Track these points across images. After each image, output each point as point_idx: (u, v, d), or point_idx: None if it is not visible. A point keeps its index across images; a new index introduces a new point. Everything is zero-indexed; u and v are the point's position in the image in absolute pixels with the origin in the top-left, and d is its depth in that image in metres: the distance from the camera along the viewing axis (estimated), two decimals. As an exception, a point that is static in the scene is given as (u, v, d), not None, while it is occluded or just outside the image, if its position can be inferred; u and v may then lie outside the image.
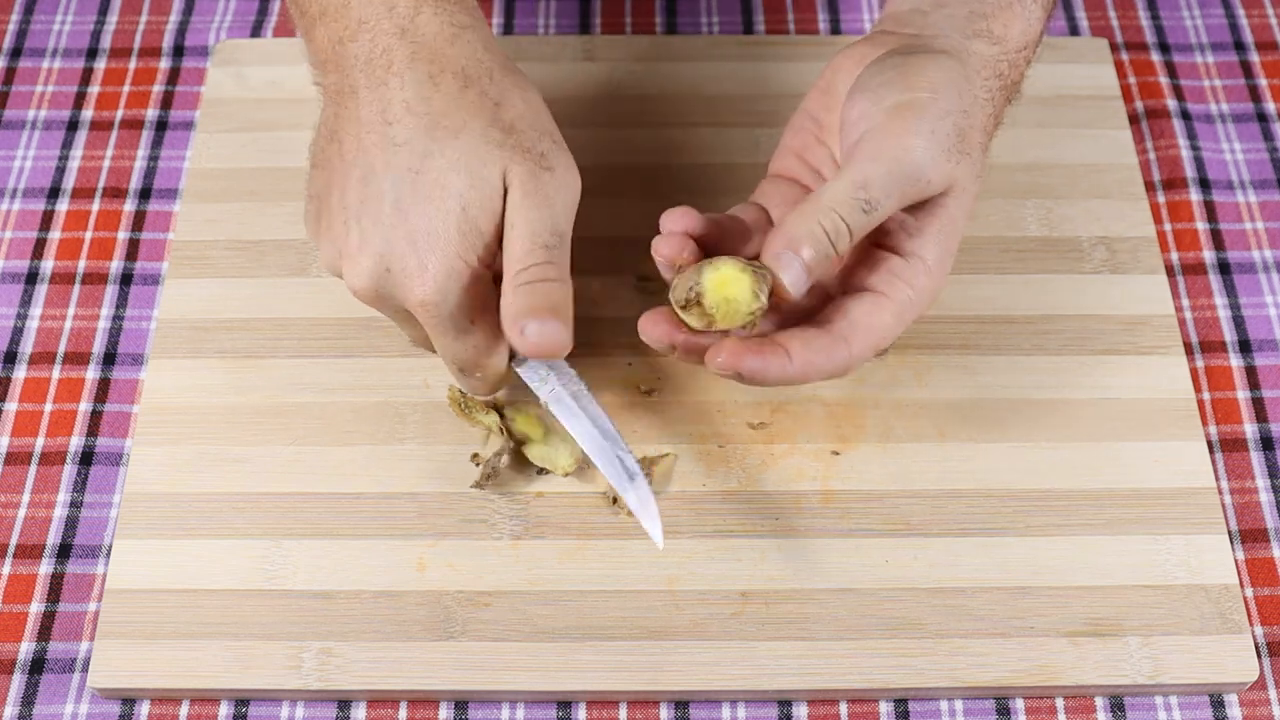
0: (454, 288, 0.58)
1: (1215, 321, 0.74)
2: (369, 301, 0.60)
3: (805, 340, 0.58)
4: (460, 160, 0.58)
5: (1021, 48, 0.62)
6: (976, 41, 0.61)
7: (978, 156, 0.60)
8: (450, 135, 0.58)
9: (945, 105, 0.58)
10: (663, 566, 0.65)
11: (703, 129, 0.79)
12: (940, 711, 0.63)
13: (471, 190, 0.58)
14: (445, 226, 0.57)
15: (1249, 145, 0.81)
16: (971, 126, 0.59)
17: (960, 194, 0.59)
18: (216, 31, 0.85)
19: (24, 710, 0.63)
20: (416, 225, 0.58)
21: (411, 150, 0.58)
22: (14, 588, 0.66)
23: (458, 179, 0.58)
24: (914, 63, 0.59)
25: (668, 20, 0.86)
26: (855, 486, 0.67)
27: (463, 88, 0.59)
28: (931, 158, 0.57)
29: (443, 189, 0.58)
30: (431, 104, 0.58)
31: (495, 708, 0.63)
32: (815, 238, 0.56)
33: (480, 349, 0.60)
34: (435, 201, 0.58)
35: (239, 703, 0.63)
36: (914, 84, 0.58)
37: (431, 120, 0.58)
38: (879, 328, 0.59)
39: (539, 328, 0.57)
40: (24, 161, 0.80)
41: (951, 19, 0.62)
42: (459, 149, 0.58)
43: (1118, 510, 0.66)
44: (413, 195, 0.58)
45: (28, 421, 0.70)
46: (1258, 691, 0.64)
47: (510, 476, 0.67)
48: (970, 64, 0.60)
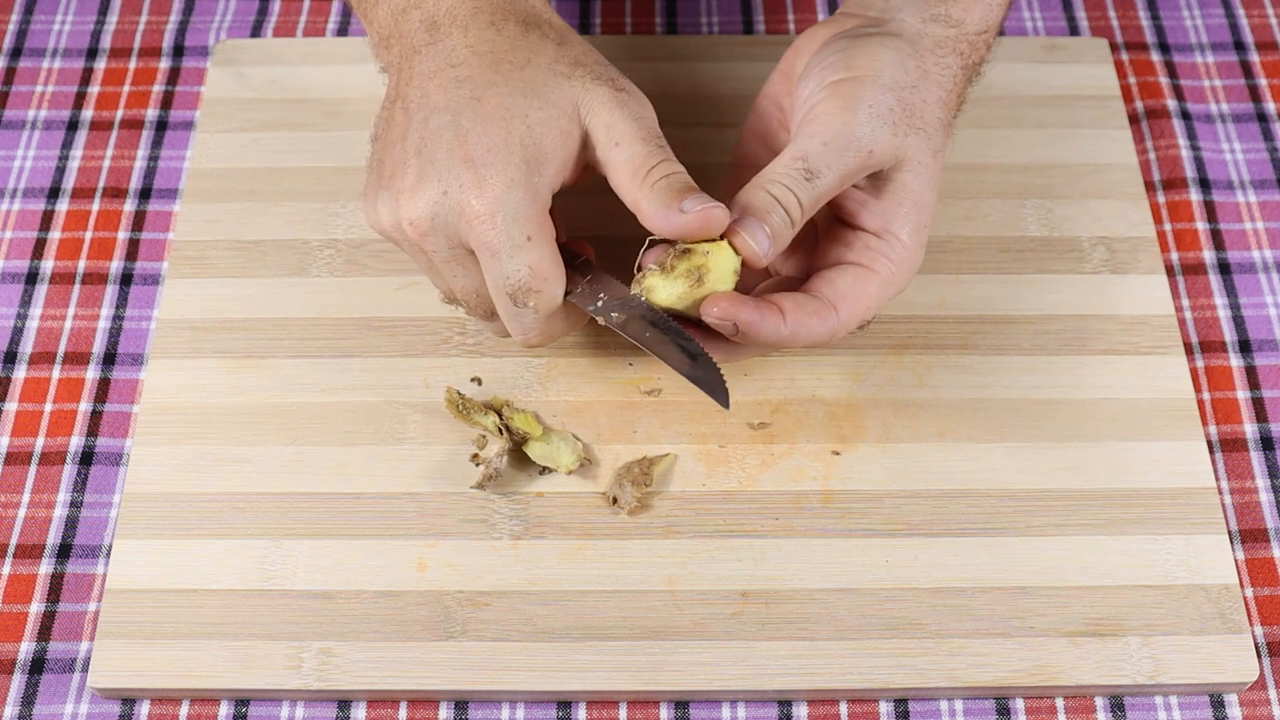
0: (512, 200, 0.57)
1: (1215, 321, 0.74)
2: (424, 235, 0.59)
3: (798, 302, 0.60)
4: (526, 85, 0.58)
5: (981, 31, 0.64)
6: (933, 25, 0.63)
7: (934, 132, 0.61)
8: (515, 68, 0.58)
9: (887, 82, 0.60)
10: (663, 566, 0.65)
11: (703, 129, 0.79)
12: (940, 711, 0.63)
13: (538, 111, 0.58)
14: (507, 144, 0.57)
15: (1249, 145, 0.81)
16: (923, 101, 0.61)
17: (916, 167, 0.61)
18: (216, 31, 0.85)
19: (24, 710, 0.63)
20: (477, 144, 0.57)
21: (475, 82, 0.58)
22: (14, 588, 0.66)
23: (523, 101, 0.58)
24: (858, 44, 0.62)
25: (668, 20, 0.86)
26: (855, 486, 0.67)
27: (524, 31, 0.60)
28: (871, 130, 0.59)
29: (506, 110, 0.58)
30: (496, 44, 0.59)
31: (495, 708, 0.63)
32: (768, 204, 0.58)
33: (536, 269, 0.58)
34: (497, 122, 0.57)
35: (239, 703, 0.63)
36: (854, 64, 0.61)
37: (495, 57, 0.59)
38: (864, 297, 0.61)
39: (695, 202, 0.57)
40: (24, 161, 0.80)
41: (912, 3, 0.63)
42: (524, 77, 0.58)
43: (1118, 510, 0.66)
44: (473, 119, 0.58)
45: (28, 421, 0.70)
46: (1258, 691, 0.64)
47: (511, 476, 0.67)
48: (922, 44, 0.62)
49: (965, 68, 0.63)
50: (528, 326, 0.61)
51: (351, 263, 0.74)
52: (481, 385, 0.70)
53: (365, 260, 0.74)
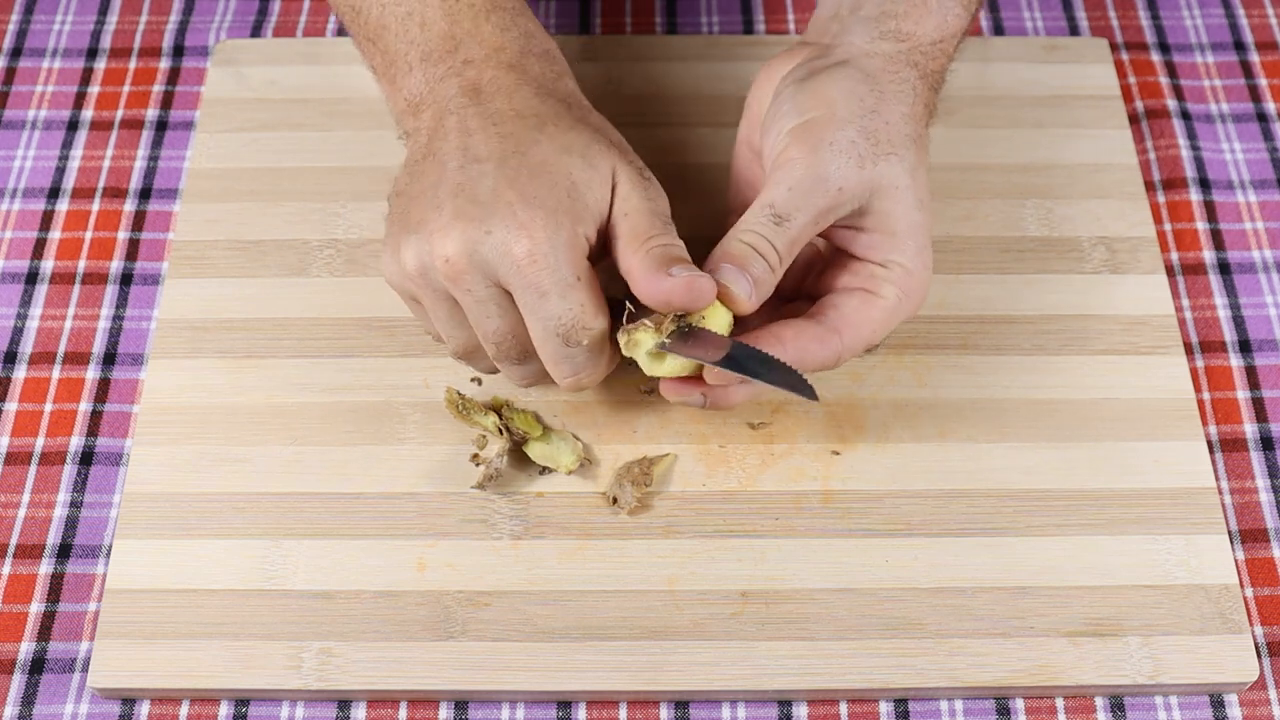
0: (560, 241, 0.57)
1: (1215, 321, 0.74)
2: (460, 274, 0.57)
3: (798, 329, 0.60)
4: (570, 145, 0.59)
5: (937, 40, 0.64)
6: (882, 42, 0.63)
7: (905, 151, 0.61)
8: (561, 131, 0.59)
9: (842, 115, 0.60)
10: (663, 566, 0.65)
11: (703, 129, 0.79)
12: (940, 711, 0.63)
13: (581, 170, 0.58)
14: (555, 194, 0.57)
15: (1249, 145, 0.81)
16: (886, 124, 0.61)
17: (895, 193, 0.61)
18: (216, 31, 0.85)
19: (24, 710, 0.63)
20: (524, 189, 0.57)
21: (519, 138, 0.59)
22: (14, 588, 0.66)
23: (567, 158, 0.58)
24: (809, 85, 0.62)
25: (668, 20, 0.86)
26: (855, 486, 0.67)
27: (568, 107, 0.61)
28: (835, 167, 0.59)
29: (550, 164, 0.58)
30: (540, 110, 0.60)
31: (495, 708, 0.63)
32: (745, 252, 0.59)
33: (586, 306, 0.58)
34: (544, 174, 0.58)
35: (239, 703, 0.63)
36: (807, 106, 0.61)
37: (539, 120, 0.59)
38: (868, 322, 0.61)
39: (682, 268, 0.57)
40: (24, 161, 0.80)
41: (863, 21, 0.64)
42: (569, 139, 0.59)
43: (1118, 510, 0.66)
44: (518, 168, 0.58)
45: (28, 421, 0.70)
46: (1258, 691, 0.64)
47: (511, 476, 0.67)
48: (872, 65, 0.62)
49: (924, 76, 0.63)
50: (580, 365, 0.60)
51: (351, 263, 0.74)
52: (481, 385, 0.70)
53: (365, 260, 0.74)
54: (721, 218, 0.67)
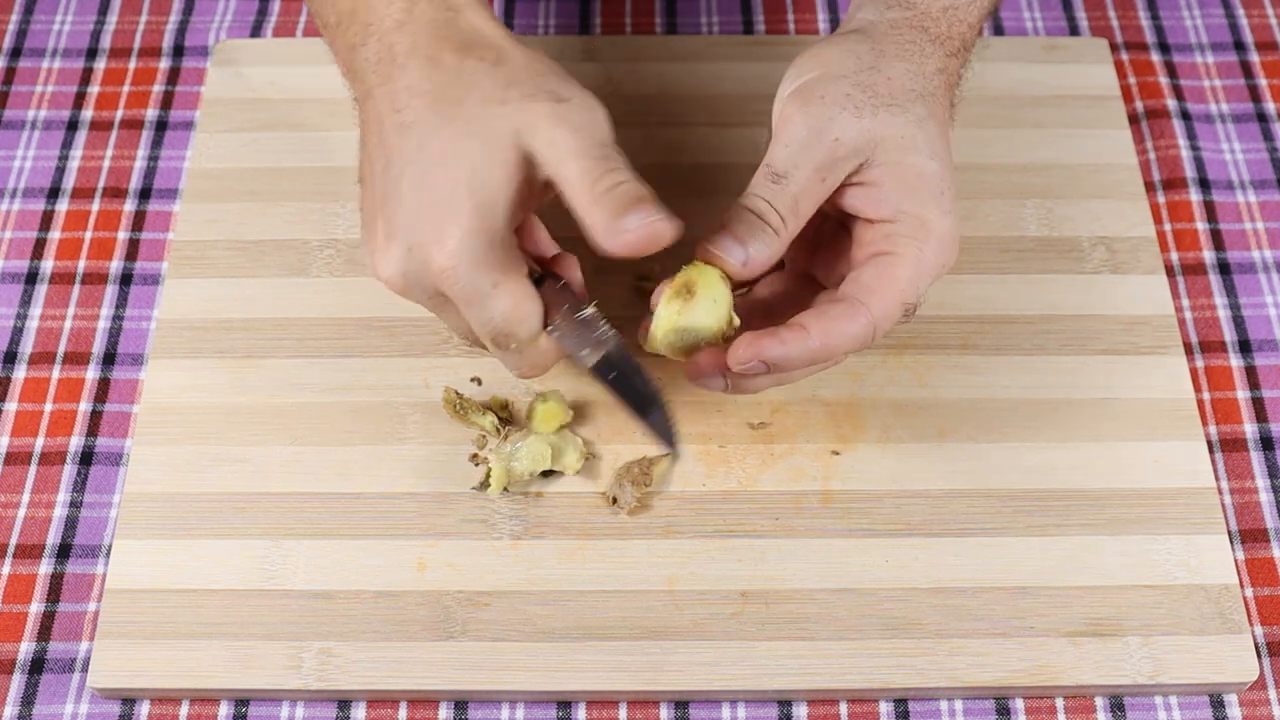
0: (469, 250, 0.56)
1: (1215, 321, 0.74)
2: (403, 292, 0.59)
3: (820, 313, 0.58)
4: (465, 127, 0.57)
5: (946, 8, 0.63)
6: (889, 12, 0.63)
7: (909, 103, 0.60)
8: (451, 105, 0.58)
9: (835, 71, 0.60)
10: (663, 566, 0.65)
11: (703, 129, 0.79)
12: (940, 711, 0.63)
13: (479, 152, 0.57)
14: (455, 193, 0.57)
15: (1249, 145, 0.81)
16: (886, 79, 0.60)
17: (900, 141, 0.59)
18: (216, 31, 0.85)
19: (24, 710, 0.63)
20: (428, 197, 0.57)
21: (419, 129, 0.58)
22: (14, 588, 0.66)
23: (464, 144, 0.57)
24: (809, 52, 0.62)
25: (668, 20, 0.86)
26: (855, 486, 0.67)
27: (460, 59, 0.59)
28: (829, 119, 0.59)
29: (450, 158, 0.57)
30: (433, 81, 0.58)
31: (495, 708, 0.63)
32: (739, 214, 0.59)
33: (509, 313, 0.58)
34: (444, 171, 0.57)
35: (239, 703, 0.63)
36: (804, 69, 0.61)
37: (434, 97, 0.58)
38: (894, 282, 0.58)
39: (638, 217, 0.55)
40: (24, 161, 0.80)
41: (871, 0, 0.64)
42: (462, 116, 0.57)
43: (1118, 510, 0.66)
44: (424, 171, 0.57)
45: (28, 421, 0.70)
46: (1258, 691, 0.64)
47: (513, 476, 0.67)
48: (876, 30, 0.62)
49: (934, 40, 0.62)
50: (515, 364, 0.61)
51: (351, 263, 0.74)
52: (481, 385, 0.70)
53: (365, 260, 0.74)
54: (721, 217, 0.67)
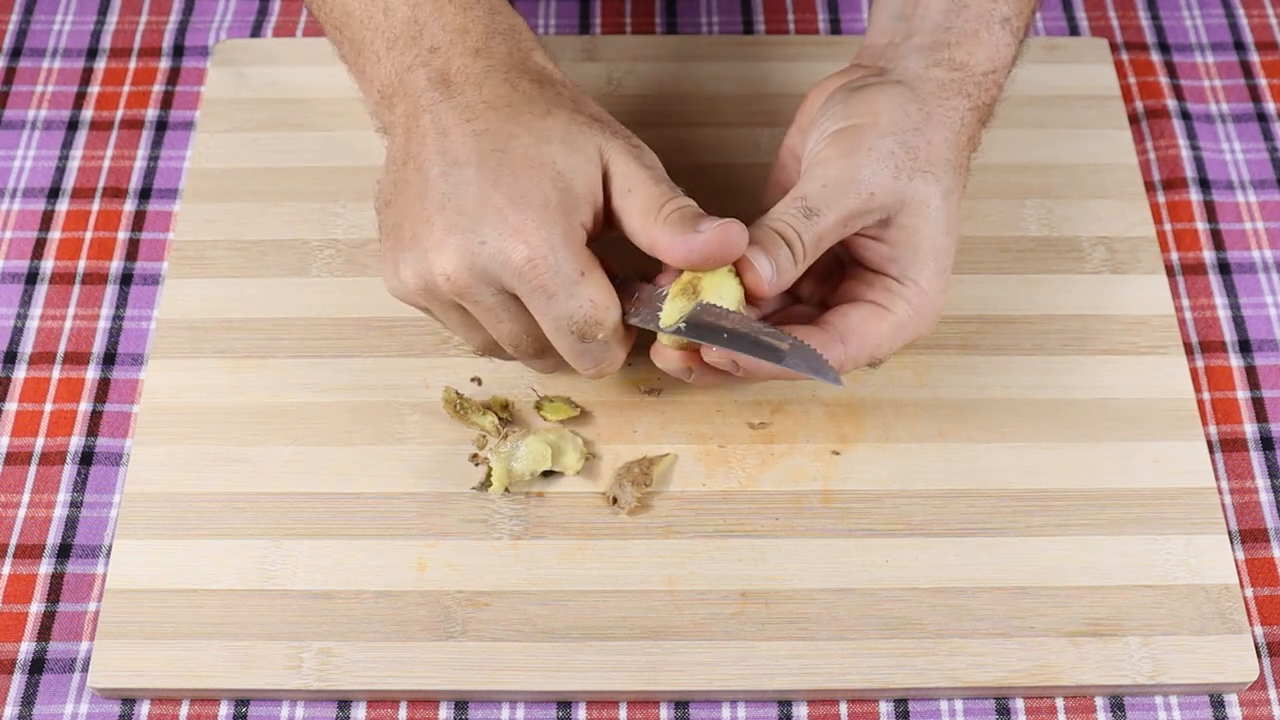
0: (556, 240, 0.56)
1: (1215, 321, 0.74)
2: (465, 288, 0.57)
3: (804, 333, 0.60)
4: (549, 133, 0.58)
5: (989, 71, 0.64)
6: (936, 70, 0.63)
7: (942, 173, 0.61)
8: (537, 118, 0.58)
9: (886, 125, 0.60)
10: (663, 566, 0.65)
11: (703, 129, 0.79)
12: (940, 711, 0.63)
13: (565, 157, 0.57)
14: (541, 189, 0.56)
15: (1249, 145, 0.81)
16: (928, 143, 0.61)
17: (926, 210, 0.61)
18: (216, 31, 0.85)
19: (24, 710, 0.63)
20: (510, 192, 0.56)
21: (495, 135, 0.57)
22: (14, 588, 0.66)
23: (549, 148, 0.57)
24: (860, 94, 0.62)
25: (668, 20, 0.86)
26: (855, 486, 0.67)
27: (540, 87, 0.59)
28: (870, 172, 0.59)
29: (532, 158, 0.57)
30: (512, 98, 0.58)
31: (495, 708, 0.63)
32: (771, 238, 0.59)
33: (596, 302, 0.57)
34: (527, 169, 0.57)
35: (239, 703, 0.63)
36: (855, 112, 0.61)
37: (514, 110, 0.58)
38: (874, 335, 0.61)
39: (713, 224, 0.57)
40: (24, 161, 0.80)
41: (917, 49, 0.64)
42: (546, 125, 0.58)
43: (1118, 510, 0.66)
44: (499, 169, 0.57)
45: (28, 421, 0.70)
46: (1258, 691, 0.64)
47: (514, 476, 0.67)
48: (924, 88, 0.62)
49: (974, 109, 0.63)
50: (599, 358, 0.60)
51: (351, 263, 0.74)
52: (481, 385, 0.70)
53: (365, 260, 0.74)
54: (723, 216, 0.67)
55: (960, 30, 0.63)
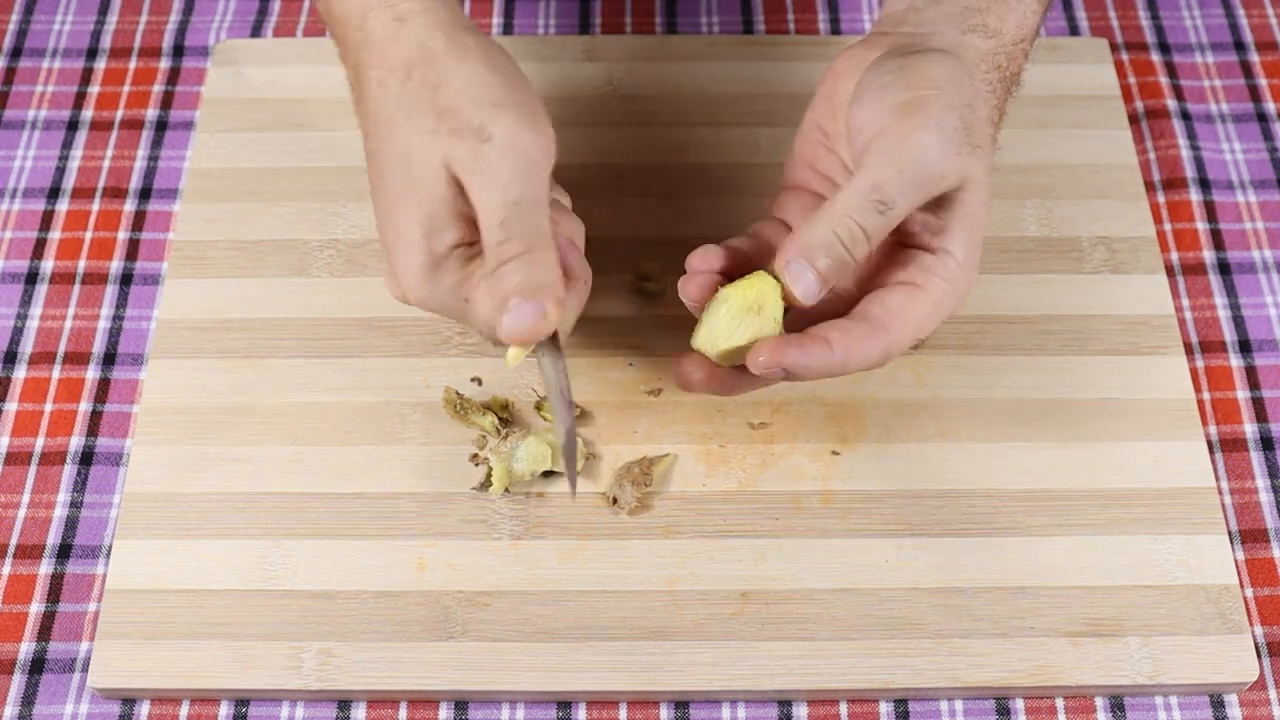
0: (425, 276, 0.57)
1: (1215, 321, 0.74)
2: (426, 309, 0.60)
3: (845, 329, 0.58)
4: (406, 153, 0.57)
5: (1018, 40, 0.62)
6: (972, 36, 0.61)
7: (987, 149, 0.60)
8: (392, 133, 0.58)
9: (949, 100, 0.58)
10: (663, 566, 0.65)
11: (703, 129, 0.79)
12: (940, 711, 0.63)
13: (419, 183, 0.57)
14: (408, 226, 0.57)
15: (1249, 145, 0.81)
16: (977, 119, 0.59)
17: (975, 187, 0.59)
18: (216, 31, 0.85)
19: (24, 710, 0.63)
20: (389, 233, 0.59)
21: (376, 156, 0.59)
22: (14, 588, 0.66)
23: (404, 175, 0.58)
24: (914, 62, 0.60)
25: (668, 20, 0.86)
26: (855, 486, 0.67)
27: (404, 82, 0.58)
28: (941, 153, 0.57)
29: (399, 190, 0.58)
30: (382, 107, 0.59)
31: (495, 708, 0.63)
32: (829, 245, 0.56)
33: (488, 321, 0.57)
34: (398, 204, 0.58)
35: (239, 703, 0.63)
36: (916, 83, 0.59)
37: (383, 125, 0.59)
38: (916, 317, 0.58)
39: (509, 319, 0.55)
40: (24, 161, 0.80)
41: (947, 15, 0.62)
42: (403, 143, 0.58)
43: (1118, 510, 0.66)
44: (387, 202, 0.59)
45: (28, 421, 0.70)
46: (1258, 691, 0.64)
47: (513, 476, 0.67)
48: (967, 58, 0.60)
49: (1004, 80, 0.62)
50: None
51: (351, 263, 0.74)
52: (481, 385, 0.70)
53: (365, 260, 0.74)
54: (723, 216, 0.67)
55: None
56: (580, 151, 0.77)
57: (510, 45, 0.83)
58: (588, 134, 0.78)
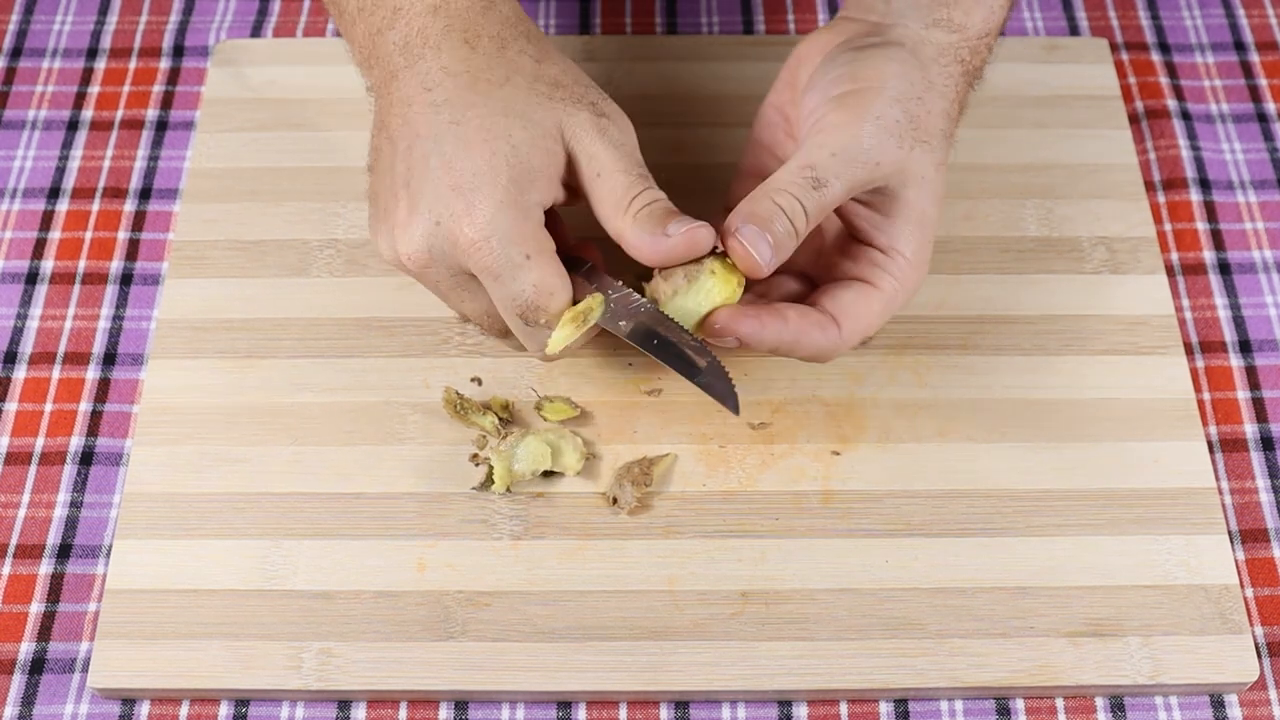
0: (503, 222, 0.56)
1: (1215, 321, 0.74)
2: (423, 269, 0.59)
3: (802, 312, 0.60)
4: (507, 104, 0.57)
5: (983, 35, 0.63)
6: (935, 30, 0.62)
7: (937, 144, 0.61)
8: (494, 86, 0.58)
9: (893, 93, 0.60)
10: (663, 566, 0.65)
11: (703, 129, 0.79)
12: (940, 711, 0.63)
13: (522, 130, 0.57)
14: (492, 165, 0.56)
15: (1249, 145, 0.81)
16: (928, 112, 0.60)
17: (920, 182, 0.60)
18: (216, 31, 0.85)
19: (24, 710, 0.63)
20: (462, 170, 0.57)
21: (453, 105, 0.57)
22: (14, 588, 0.66)
23: (505, 120, 0.57)
24: (863, 56, 0.61)
25: (668, 20, 0.86)
26: (855, 486, 0.67)
27: (500, 48, 0.59)
28: (878, 141, 0.59)
29: (488, 131, 0.57)
30: (471, 63, 0.58)
31: (495, 708, 0.63)
32: (772, 212, 0.58)
33: (540, 286, 0.57)
34: (480, 145, 0.57)
35: (239, 703, 0.63)
36: (861, 75, 0.60)
37: (472, 77, 0.58)
38: (866, 314, 0.61)
39: (681, 224, 0.57)
40: (24, 161, 0.80)
41: (915, 6, 0.63)
42: (504, 95, 0.57)
43: (1118, 510, 0.66)
44: (455, 144, 0.57)
45: (28, 421, 0.70)
46: (1258, 691, 0.64)
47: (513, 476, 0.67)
48: (925, 53, 0.61)
49: (966, 74, 0.63)
50: (543, 342, 0.60)
51: (351, 263, 0.74)
52: (481, 385, 0.70)
53: (365, 260, 0.74)
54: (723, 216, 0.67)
55: None
56: (580, 151, 0.77)
57: (510, 45, 0.83)
58: (588, 134, 0.78)
